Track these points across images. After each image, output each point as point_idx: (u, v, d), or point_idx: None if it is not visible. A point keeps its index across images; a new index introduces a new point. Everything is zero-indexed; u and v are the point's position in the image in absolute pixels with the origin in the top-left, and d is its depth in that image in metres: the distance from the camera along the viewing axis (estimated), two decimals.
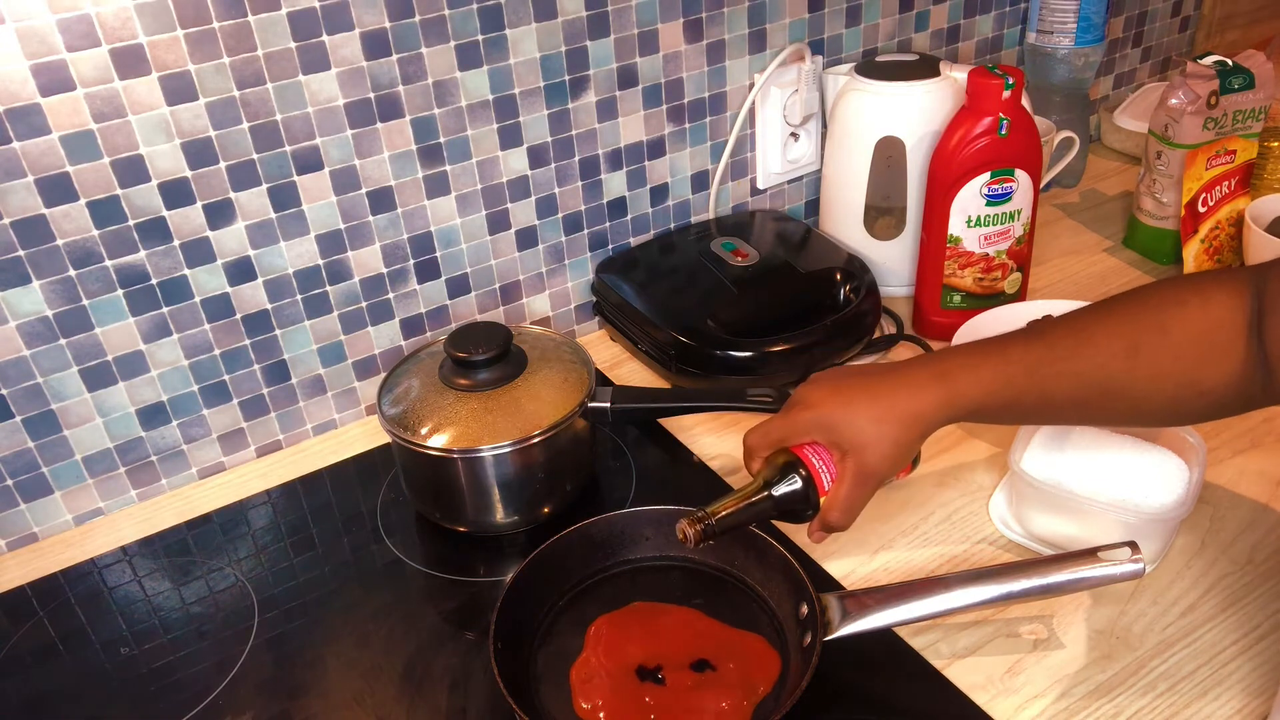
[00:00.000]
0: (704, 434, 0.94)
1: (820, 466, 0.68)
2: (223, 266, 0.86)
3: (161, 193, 0.81)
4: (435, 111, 0.90)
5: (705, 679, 0.68)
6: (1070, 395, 0.66)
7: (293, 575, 0.82)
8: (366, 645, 0.75)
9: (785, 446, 0.70)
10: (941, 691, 0.69)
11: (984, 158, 0.95)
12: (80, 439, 0.86)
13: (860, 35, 1.14)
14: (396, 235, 0.94)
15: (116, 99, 0.76)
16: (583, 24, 0.94)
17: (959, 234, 0.99)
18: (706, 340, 0.94)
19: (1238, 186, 1.10)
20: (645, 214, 1.09)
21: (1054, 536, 0.78)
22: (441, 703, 0.70)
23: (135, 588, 0.83)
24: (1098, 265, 1.16)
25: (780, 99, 1.08)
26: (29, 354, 0.81)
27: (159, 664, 0.75)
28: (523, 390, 0.82)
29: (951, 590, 0.68)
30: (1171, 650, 0.70)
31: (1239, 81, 1.04)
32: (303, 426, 0.97)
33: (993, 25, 1.24)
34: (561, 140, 0.99)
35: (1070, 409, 0.68)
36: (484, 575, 0.83)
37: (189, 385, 0.89)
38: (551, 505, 0.85)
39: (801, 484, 0.68)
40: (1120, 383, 0.64)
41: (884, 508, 0.84)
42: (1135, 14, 1.37)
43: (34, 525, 0.87)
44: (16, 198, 0.76)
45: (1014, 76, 0.92)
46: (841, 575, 0.78)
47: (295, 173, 0.86)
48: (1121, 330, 0.65)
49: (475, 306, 1.02)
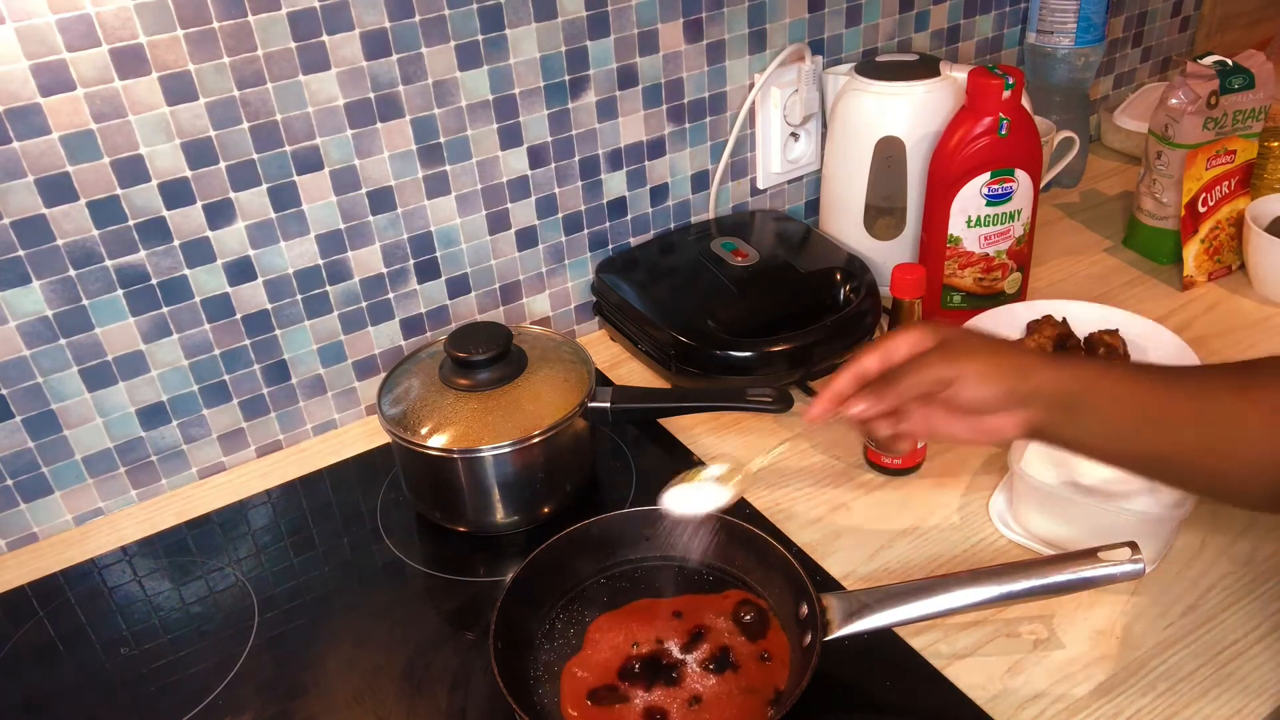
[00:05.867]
0: (704, 434, 0.94)
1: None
2: (223, 266, 0.86)
3: (161, 193, 0.81)
4: (435, 111, 0.90)
5: (707, 679, 0.68)
6: (1187, 414, 0.63)
7: (293, 575, 0.82)
8: (366, 645, 0.75)
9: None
10: (941, 691, 0.69)
11: (984, 158, 0.95)
12: (80, 439, 0.86)
13: (860, 35, 1.14)
14: (396, 235, 0.94)
15: (116, 99, 0.76)
16: (583, 24, 0.94)
17: (959, 234, 0.99)
18: (706, 340, 0.94)
19: (1238, 186, 1.10)
20: (645, 214, 1.09)
21: (1054, 536, 0.78)
22: (441, 703, 0.70)
23: (135, 588, 0.83)
24: (1098, 265, 1.16)
25: (780, 99, 1.08)
26: (29, 354, 0.81)
27: (159, 664, 0.75)
28: (523, 390, 0.82)
29: (951, 590, 0.67)
30: (1171, 650, 0.70)
31: (1239, 81, 1.04)
32: (303, 426, 0.97)
33: (993, 25, 1.24)
34: (561, 140, 0.99)
35: (1188, 428, 0.63)
36: (484, 575, 0.83)
37: (189, 385, 0.89)
38: (551, 505, 0.85)
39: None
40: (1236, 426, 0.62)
41: (884, 508, 0.84)
42: (1135, 14, 1.37)
43: (34, 525, 0.87)
44: (16, 198, 0.76)
45: (1014, 76, 0.92)
46: (841, 575, 0.78)
47: (295, 173, 0.86)
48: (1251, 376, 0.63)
49: (475, 306, 1.02)
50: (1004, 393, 0.63)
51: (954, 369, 0.64)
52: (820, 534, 0.82)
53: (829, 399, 0.67)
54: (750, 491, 0.86)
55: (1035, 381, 0.63)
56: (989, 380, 0.63)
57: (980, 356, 0.64)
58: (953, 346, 0.65)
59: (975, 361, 0.64)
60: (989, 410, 0.64)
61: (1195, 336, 1.00)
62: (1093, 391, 0.64)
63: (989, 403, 0.64)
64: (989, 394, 0.64)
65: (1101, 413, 0.64)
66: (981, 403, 0.64)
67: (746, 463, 0.74)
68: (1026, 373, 0.64)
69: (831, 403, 0.67)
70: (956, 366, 0.64)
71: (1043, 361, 0.65)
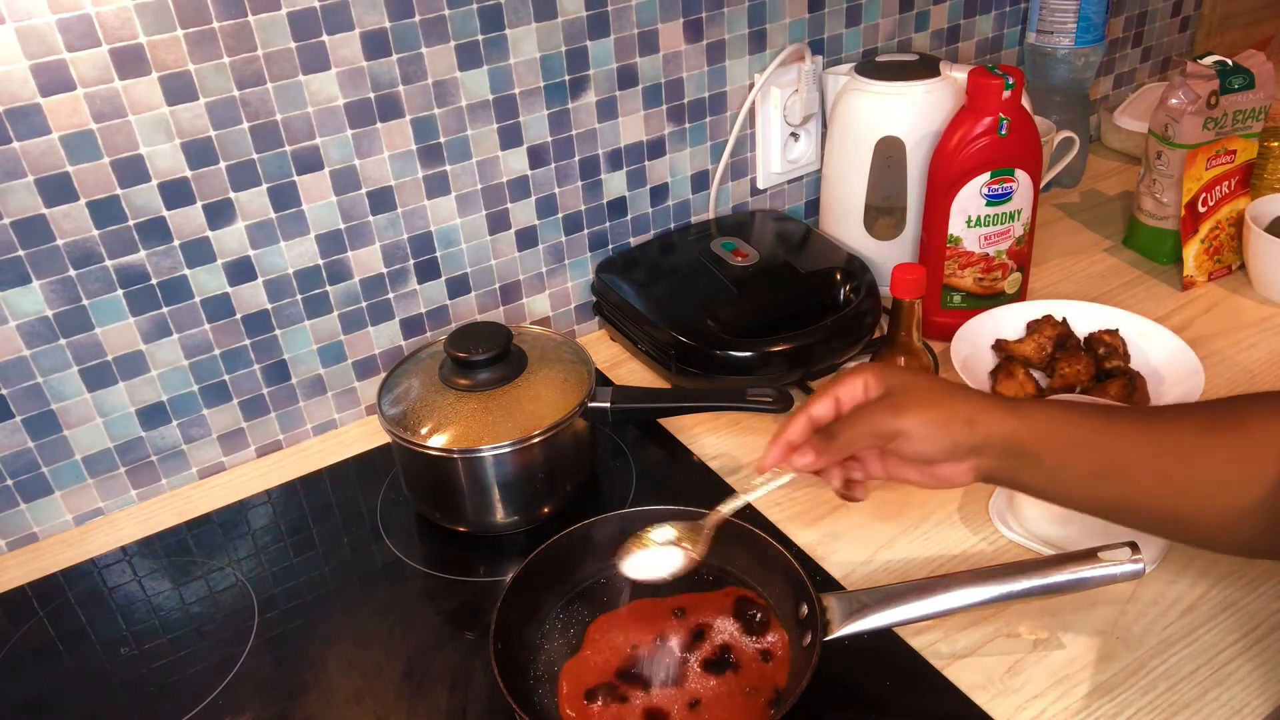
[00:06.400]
0: (704, 434, 0.94)
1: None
2: (223, 266, 0.86)
3: (161, 193, 0.81)
4: (435, 111, 0.90)
5: (707, 679, 0.68)
6: (1147, 461, 0.62)
7: (293, 575, 0.82)
8: (366, 645, 0.75)
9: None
10: (941, 691, 0.69)
11: (984, 158, 0.95)
12: (80, 439, 0.86)
13: (860, 35, 1.14)
14: (396, 235, 0.94)
15: (116, 99, 0.76)
16: (583, 24, 0.94)
17: (959, 234, 0.99)
18: (706, 340, 0.94)
19: (1238, 186, 1.10)
20: (645, 214, 1.09)
21: (1054, 536, 0.78)
22: (441, 703, 0.70)
23: (135, 588, 0.83)
24: (1098, 265, 1.16)
25: (780, 99, 1.08)
26: (29, 354, 0.81)
27: (159, 664, 0.75)
28: (523, 390, 0.82)
29: (951, 590, 0.67)
30: (1171, 650, 0.70)
31: (1239, 81, 1.04)
32: (303, 426, 0.97)
33: (993, 25, 1.24)
34: (561, 140, 0.99)
35: (1147, 476, 0.62)
36: (484, 575, 0.83)
37: (189, 385, 0.89)
38: (551, 505, 0.85)
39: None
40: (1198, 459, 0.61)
41: (884, 508, 0.84)
42: (1135, 14, 1.37)
43: (34, 525, 0.87)
44: (16, 198, 0.76)
45: (1014, 76, 0.92)
46: (841, 575, 0.78)
47: (295, 173, 0.86)
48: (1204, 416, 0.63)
49: (475, 306, 1.02)
50: (949, 446, 0.63)
51: (898, 422, 0.63)
52: (820, 534, 0.82)
53: (780, 448, 0.67)
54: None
55: (982, 432, 0.63)
56: (933, 435, 0.63)
57: (925, 409, 0.63)
58: (899, 397, 0.64)
59: (919, 414, 0.63)
60: (936, 462, 0.65)
61: (1195, 336, 1.00)
62: (1042, 441, 0.63)
63: (935, 456, 0.64)
64: (933, 449, 0.64)
65: (1052, 462, 0.63)
66: (927, 456, 0.64)
67: (702, 523, 0.71)
68: (973, 424, 0.63)
69: (783, 451, 0.67)
70: (900, 420, 0.63)
71: (992, 410, 0.64)
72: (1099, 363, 0.94)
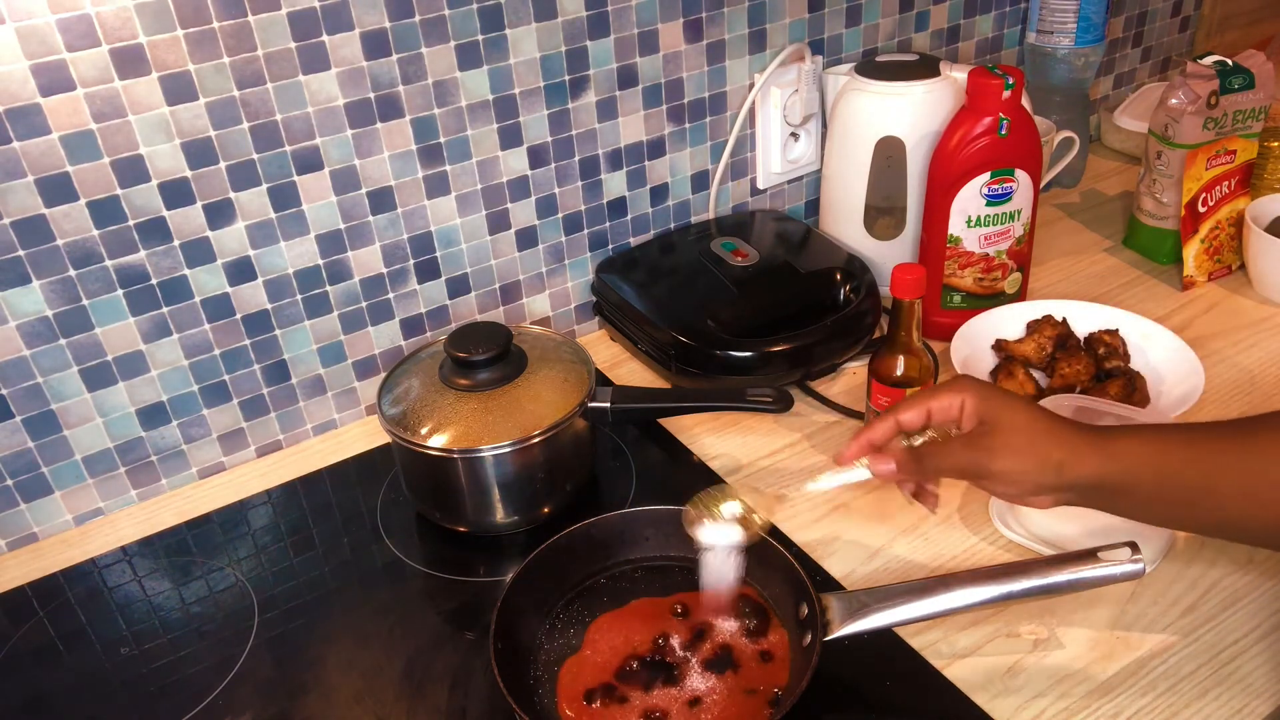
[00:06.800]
0: (704, 434, 0.94)
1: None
2: (223, 266, 0.86)
3: (161, 193, 0.81)
4: (435, 111, 0.90)
5: (706, 679, 0.68)
6: (1235, 483, 0.61)
7: (293, 575, 0.82)
8: (366, 645, 0.75)
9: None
10: (941, 691, 0.69)
11: (984, 158, 0.95)
12: (80, 439, 0.86)
13: (860, 35, 1.14)
14: (396, 235, 0.94)
15: (116, 99, 0.76)
16: (583, 24, 0.94)
17: (959, 234, 0.99)
18: (706, 340, 0.94)
19: (1238, 186, 1.10)
20: (645, 214, 1.09)
21: (1054, 536, 0.78)
22: (441, 703, 0.70)
23: (135, 588, 0.83)
24: (1098, 265, 1.16)
25: (780, 99, 1.08)
26: (29, 354, 0.81)
27: (159, 664, 0.75)
28: (523, 390, 0.82)
29: (951, 590, 0.67)
30: (1171, 650, 0.70)
31: (1239, 81, 1.04)
32: (303, 426, 0.97)
33: (993, 25, 1.24)
34: (561, 140, 0.99)
35: (1238, 499, 0.62)
36: (484, 575, 0.83)
37: (189, 385, 0.89)
38: (551, 505, 0.85)
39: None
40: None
41: (884, 508, 0.84)
42: (1135, 14, 1.37)
43: (34, 525, 0.87)
44: (16, 198, 0.76)
45: (1014, 76, 0.92)
46: (841, 575, 0.78)
47: (295, 173, 0.86)
48: None
49: (475, 306, 1.02)
50: (1034, 489, 0.64)
51: (990, 466, 0.63)
52: (820, 534, 0.82)
53: (862, 445, 0.68)
54: (750, 492, 0.85)
55: (1071, 477, 0.62)
56: (1021, 480, 0.63)
57: (1018, 456, 0.63)
58: (993, 439, 0.64)
59: (1011, 461, 0.63)
60: (1021, 498, 0.66)
61: (1195, 336, 1.00)
62: (1131, 479, 0.63)
63: (1019, 498, 0.65)
64: (1018, 492, 0.64)
65: (1142, 497, 0.63)
66: (1012, 497, 0.66)
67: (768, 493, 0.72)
68: (1062, 469, 0.62)
69: (863, 449, 0.68)
70: (992, 464, 0.63)
71: (1083, 451, 0.62)
72: (1099, 363, 0.94)
